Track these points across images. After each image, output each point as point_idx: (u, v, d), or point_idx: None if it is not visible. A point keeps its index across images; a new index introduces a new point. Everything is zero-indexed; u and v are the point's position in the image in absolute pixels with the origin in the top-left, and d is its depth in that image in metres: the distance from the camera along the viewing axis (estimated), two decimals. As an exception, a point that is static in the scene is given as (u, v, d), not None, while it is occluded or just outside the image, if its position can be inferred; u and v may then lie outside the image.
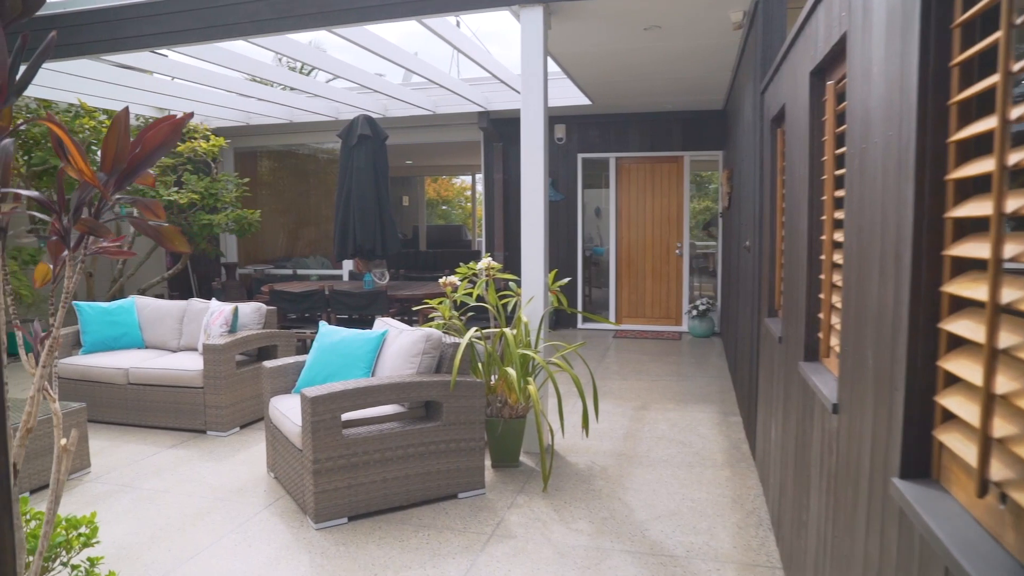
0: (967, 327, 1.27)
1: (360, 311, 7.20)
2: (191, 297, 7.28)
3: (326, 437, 3.69)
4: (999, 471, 1.13)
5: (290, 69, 14.27)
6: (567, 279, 5.20)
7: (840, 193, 2.32)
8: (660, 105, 9.48)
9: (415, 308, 6.28)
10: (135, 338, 6.16)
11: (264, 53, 7.34)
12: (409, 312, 7.37)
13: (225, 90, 8.11)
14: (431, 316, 5.03)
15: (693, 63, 6.92)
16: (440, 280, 4.95)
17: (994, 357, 1.15)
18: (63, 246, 1.78)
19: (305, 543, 3.58)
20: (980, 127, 1.23)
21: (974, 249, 1.25)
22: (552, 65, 6.74)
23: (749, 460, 4.74)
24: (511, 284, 5.19)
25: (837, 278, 2.36)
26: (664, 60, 6.80)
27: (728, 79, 7.58)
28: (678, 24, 5.60)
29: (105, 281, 9.68)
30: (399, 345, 4.23)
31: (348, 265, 10.71)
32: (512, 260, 9.99)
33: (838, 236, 2.37)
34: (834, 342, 2.45)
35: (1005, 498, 1.14)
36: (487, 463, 4.63)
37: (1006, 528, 1.13)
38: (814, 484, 2.52)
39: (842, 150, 2.27)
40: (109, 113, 8.47)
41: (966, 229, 1.36)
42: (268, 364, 4.52)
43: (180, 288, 11.19)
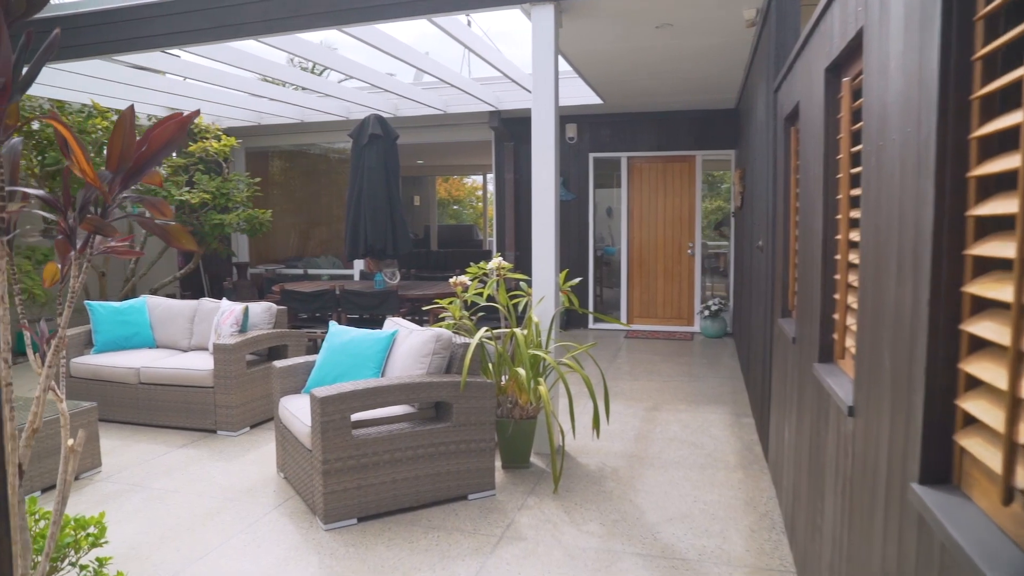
0: (990, 328, 1.23)
1: (371, 311, 7.19)
2: (203, 297, 7.30)
3: (335, 437, 3.68)
4: (1025, 478, 1.10)
5: (302, 69, 14.31)
6: (578, 279, 5.17)
7: (856, 192, 2.28)
8: (672, 104, 9.43)
9: (425, 308, 6.27)
10: (146, 338, 6.18)
11: (275, 53, 7.35)
12: (420, 312, 7.36)
13: (237, 90, 8.14)
14: (442, 316, 5.01)
15: (705, 61, 6.86)
16: (451, 280, 4.93)
17: (1020, 360, 1.11)
18: (70, 246, 1.77)
19: (314, 544, 3.57)
20: (1004, 122, 1.19)
21: (998, 248, 1.21)
22: (563, 64, 6.71)
23: (762, 462, 4.69)
24: (522, 284, 5.16)
25: (853, 278, 2.32)
26: (676, 58, 6.76)
27: (741, 77, 7.52)
28: (690, 22, 5.56)
29: (118, 281, 9.74)
30: (409, 345, 4.21)
31: (359, 265, 10.72)
32: (523, 260, 9.96)
33: (854, 235, 2.33)
34: (849, 343, 2.41)
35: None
36: (497, 464, 4.61)
37: (1032, 537, 1.09)
38: (829, 488, 2.48)
39: (858, 148, 2.23)
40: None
41: (989, 228, 1.32)
42: (278, 364, 4.51)
43: (192, 288, 11.24)
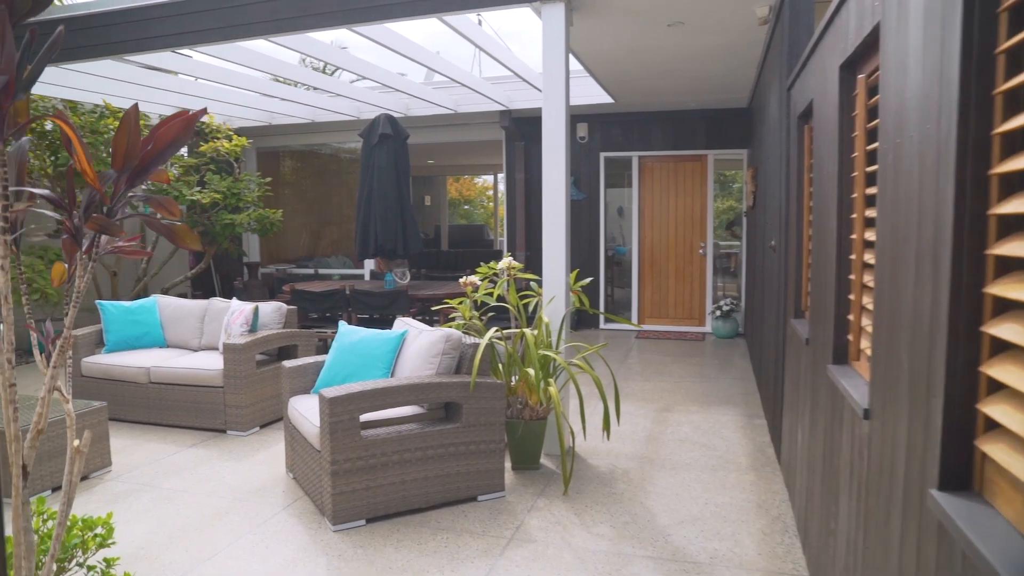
0: (1014, 331, 1.19)
1: (381, 311, 7.18)
2: (214, 296, 7.31)
3: (344, 438, 3.66)
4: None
5: (313, 69, 14.33)
6: (589, 279, 5.13)
7: (872, 190, 2.24)
8: (683, 103, 9.37)
9: (435, 308, 6.25)
10: (157, 337, 6.20)
11: (287, 53, 7.36)
12: (429, 312, 7.34)
13: (248, 90, 8.15)
14: (451, 316, 4.99)
15: (717, 60, 6.81)
16: (460, 280, 4.91)
17: (1045, 364, 1.07)
18: (76, 245, 1.75)
19: (323, 545, 3.55)
20: (1029, 117, 1.15)
21: (1022, 248, 1.17)
22: (574, 63, 6.67)
23: (774, 464, 4.64)
24: (532, 284, 5.13)
25: (868, 278, 2.28)
26: (688, 57, 6.71)
27: (753, 76, 7.46)
28: (702, 20, 5.51)
29: (130, 280, 9.78)
30: (419, 345, 4.19)
31: (370, 265, 10.71)
32: (534, 260, 9.93)
33: (869, 235, 2.28)
34: (864, 345, 2.37)
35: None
36: (507, 465, 4.58)
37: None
38: (843, 491, 2.44)
39: (874, 146, 2.18)
40: (134, 113, 8.54)
41: (1012, 227, 1.28)
42: (287, 364, 4.50)
43: (203, 287, 11.28)
